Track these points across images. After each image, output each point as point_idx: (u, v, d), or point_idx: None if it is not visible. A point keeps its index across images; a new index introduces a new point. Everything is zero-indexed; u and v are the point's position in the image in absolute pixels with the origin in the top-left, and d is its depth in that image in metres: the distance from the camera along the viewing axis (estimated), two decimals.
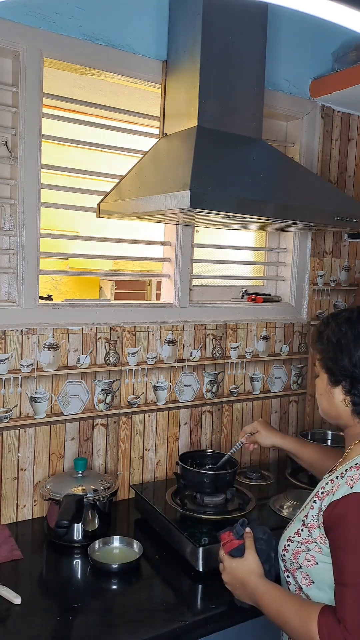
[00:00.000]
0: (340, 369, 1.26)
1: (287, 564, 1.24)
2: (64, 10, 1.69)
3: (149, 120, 2.00)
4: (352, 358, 1.24)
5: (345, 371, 1.25)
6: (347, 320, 1.28)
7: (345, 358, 1.25)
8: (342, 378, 1.27)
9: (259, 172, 1.68)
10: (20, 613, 1.33)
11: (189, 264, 2.06)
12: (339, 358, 1.26)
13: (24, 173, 1.69)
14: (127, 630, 1.28)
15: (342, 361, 1.25)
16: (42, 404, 1.80)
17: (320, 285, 2.40)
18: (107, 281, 3.29)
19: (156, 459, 2.04)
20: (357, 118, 2.42)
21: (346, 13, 0.87)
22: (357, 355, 1.24)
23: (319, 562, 1.18)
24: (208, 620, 1.35)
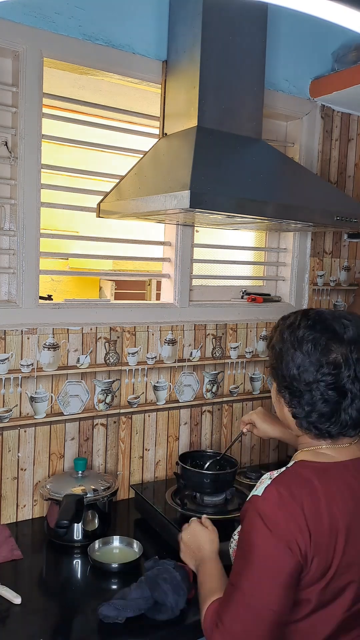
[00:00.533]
0: (281, 380, 1.18)
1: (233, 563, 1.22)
2: (64, 10, 1.69)
3: (148, 120, 2.00)
4: (289, 369, 1.15)
5: (285, 382, 1.17)
6: (289, 325, 1.19)
7: (284, 368, 1.16)
8: (282, 389, 1.18)
9: (259, 172, 1.68)
10: (20, 613, 1.33)
11: (189, 264, 2.06)
12: (279, 367, 1.17)
13: (24, 173, 1.69)
14: (127, 630, 1.28)
15: (282, 371, 1.16)
16: (42, 404, 1.80)
17: (320, 285, 2.41)
18: (107, 281, 3.29)
19: (156, 458, 2.04)
20: (357, 118, 2.42)
21: (346, 13, 0.87)
22: (295, 365, 1.14)
23: None
24: None
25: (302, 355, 1.13)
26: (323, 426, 1.15)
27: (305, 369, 1.13)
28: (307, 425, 1.16)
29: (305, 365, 1.12)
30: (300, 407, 1.15)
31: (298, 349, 1.14)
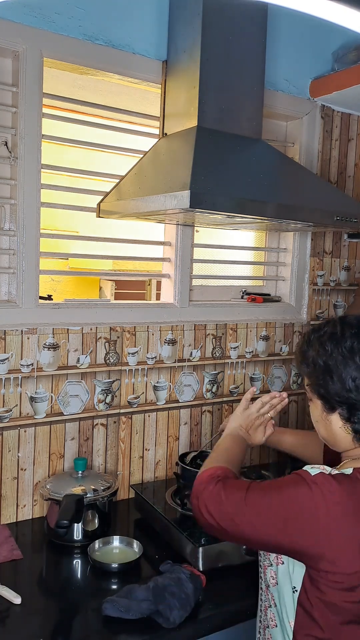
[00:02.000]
0: (334, 396, 1.12)
1: (261, 560, 1.22)
2: (64, 10, 1.69)
3: (149, 120, 2.00)
4: (345, 382, 1.10)
5: (340, 397, 1.12)
6: (330, 337, 1.14)
7: (337, 382, 1.11)
8: (337, 405, 1.13)
9: (259, 172, 1.68)
10: (20, 613, 1.33)
11: (189, 264, 2.06)
12: (330, 383, 1.12)
13: (24, 173, 1.69)
14: (126, 631, 1.28)
15: (335, 386, 1.11)
16: (42, 404, 1.80)
17: (320, 285, 2.40)
18: (107, 281, 3.29)
19: (156, 458, 2.04)
20: (357, 118, 2.42)
21: (346, 13, 0.86)
22: (350, 378, 1.10)
23: (284, 562, 1.14)
24: (207, 620, 1.35)
25: (356, 365, 1.10)
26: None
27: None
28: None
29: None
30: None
31: (350, 360, 1.10)
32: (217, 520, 1.12)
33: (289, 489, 1.07)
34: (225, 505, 1.12)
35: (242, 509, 1.10)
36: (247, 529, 1.09)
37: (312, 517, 1.04)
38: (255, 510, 1.08)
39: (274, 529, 1.07)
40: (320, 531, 1.04)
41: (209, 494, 1.14)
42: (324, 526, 1.03)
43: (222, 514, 1.12)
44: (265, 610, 1.21)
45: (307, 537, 1.04)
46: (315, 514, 1.04)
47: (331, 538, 1.04)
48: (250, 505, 1.09)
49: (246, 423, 1.44)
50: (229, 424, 1.46)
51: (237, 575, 1.48)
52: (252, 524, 1.08)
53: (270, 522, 1.07)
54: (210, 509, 1.13)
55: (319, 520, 1.04)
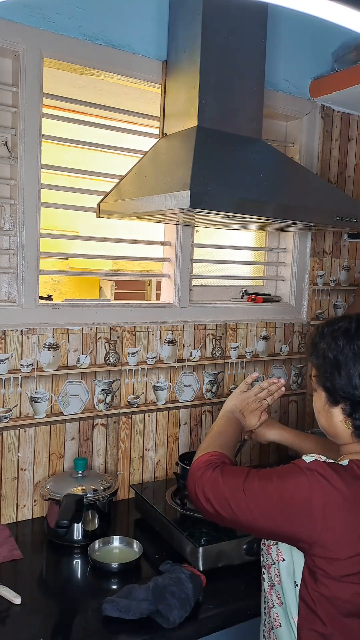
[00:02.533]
0: (340, 390, 1.14)
1: (264, 559, 1.22)
2: (64, 10, 1.69)
3: (149, 120, 2.00)
4: (351, 379, 1.11)
5: (345, 393, 1.13)
6: (344, 332, 1.15)
7: (344, 378, 1.12)
8: (341, 399, 1.15)
9: (259, 172, 1.68)
10: (20, 613, 1.33)
11: (189, 264, 2.06)
12: (337, 377, 1.13)
13: (24, 173, 1.69)
14: (126, 631, 1.28)
15: (341, 381, 1.13)
16: (42, 404, 1.80)
17: (320, 285, 2.40)
18: (107, 281, 3.29)
19: (156, 458, 2.04)
20: (357, 118, 2.42)
21: (346, 13, 0.86)
22: (358, 374, 1.11)
23: (285, 559, 1.15)
24: (207, 620, 1.35)
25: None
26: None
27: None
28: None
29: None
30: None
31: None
32: (214, 506, 1.14)
33: (286, 477, 1.10)
34: (223, 491, 1.14)
35: (239, 496, 1.12)
36: (244, 515, 1.11)
37: (307, 504, 1.06)
38: (253, 497, 1.11)
39: (271, 516, 1.09)
40: (315, 517, 1.05)
41: (207, 479, 1.16)
42: (319, 512, 1.05)
43: (220, 499, 1.14)
44: (269, 612, 1.21)
45: (303, 523, 1.06)
46: (310, 500, 1.06)
47: (326, 524, 1.05)
48: (248, 492, 1.11)
49: (243, 405, 1.45)
50: (225, 404, 1.48)
51: (237, 575, 1.48)
52: (249, 510, 1.10)
53: (267, 509, 1.09)
54: (208, 494, 1.15)
55: (314, 506, 1.05)
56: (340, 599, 1.07)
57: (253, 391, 1.48)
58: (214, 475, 1.16)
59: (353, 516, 1.06)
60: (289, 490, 1.08)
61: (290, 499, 1.07)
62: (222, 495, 1.13)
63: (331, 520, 1.05)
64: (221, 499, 1.13)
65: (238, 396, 1.48)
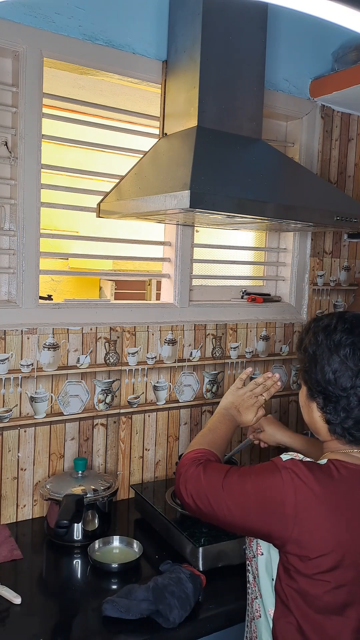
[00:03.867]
0: (315, 384, 1.15)
1: (247, 552, 1.24)
2: (64, 10, 1.69)
3: (149, 120, 2.00)
4: (325, 373, 1.12)
5: (319, 386, 1.14)
6: (324, 328, 1.16)
7: (319, 372, 1.13)
8: (316, 394, 1.16)
9: (259, 172, 1.68)
10: (20, 613, 1.33)
11: (189, 264, 2.06)
12: (313, 371, 1.15)
13: (24, 173, 1.69)
14: (126, 630, 1.28)
15: (316, 375, 1.14)
16: (42, 404, 1.80)
17: (320, 285, 2.41)
18: (107, 281, 3.30)
19: (156, 458, 2.04)
20: (357, 118, 2.42)
21: (346, 13, 0.86)
22: (331, 370, 1.12)
23: (263, 553, 1.17)
24: (207, 620, 1.35)
25: (340, 359, 1.12)
26: (358, 433, 1.14)
27: (342, 373, 1.11)
28: (341, 431, 1.15)
29: (342, 370, 1.11)
30: (336, 413, 1.14)
31: (335, 353, 1.12)
32: (194, 500, 1.17)
33: (263, 475, 1.12)
34: (204, 487, 1.16)
35: (218, 492, 1.14)
36: (222, 511, 1.14)
37: (281, 502, 1.08)
38: (230, 494, 1.13)
39: (246, 513, 1.11)
40: (287, 515, 1.07)
41: (190, 475, 1.19)
42: (291, 510, 1.07)
43: (200, 495, 1.16)
44: (252, 602, 1.23)
45: (275, 521, 1.08)
46: (284, 498, 1.07)
47: (297, 522, 1.07)
48: (226, 489, 1.14)
49: (238, 401, 1.45)
50: (221, 402, 1.48)
51: (237, 575, 1.48)
52: (227, 506, 1.13)
53: (243, 506, 1.12)
54: (190, 489, 1.18)
55: (287, 504, 1.07)
56: (312, 595, 1.09)
57: (248, 387, 1.48)
58: (196, 472, 1.19)
59: (325, 515, 1.07)
60: (264, 487, 1.10)
61: (265, 496, 1.10)
62: (203, 492, 1.16)
63: (303, 519, 1.06)
64: (202, 495, 1.16)
65: (233, 393, 1.48)
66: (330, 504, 1.08)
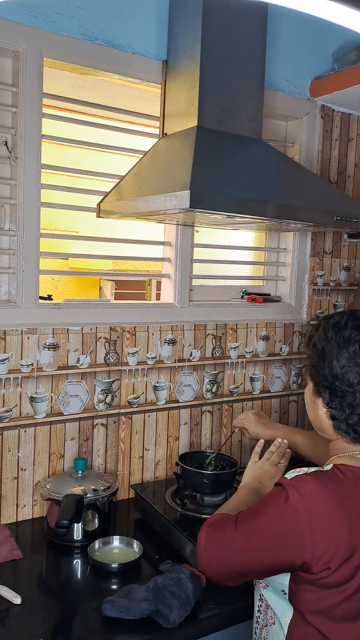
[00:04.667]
0: (322, 379, 1.16)
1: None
2: (64, 10, 1.69)
3: (149, 120, 2.00)
4: (332, 368, 1.13)
5: (326, 382, 1.15)
6: (335, 325, 1.17)
7: (327, 367, 1.14)
8: (322, 389, 1.17)
9: (259, 172, 1.68)
10: (20, 613, 1.33)
11: (189, 264, 2.06)
12: (321, 366, 1.16)
13: (24, 173, 1.69)
14: (126, 630, 1.28)
15: (324, 370, 1.15)
16: (42, 404, 1.80)
17: (320, 285, 2.41)
18: (107, 281, 3.30)
19: (156, 458, 2.04)
20: (357, 118, 2.42)
21: (346, 13, 0.87)
22: (339, 365, 1.12)
23: None
24: (207, 620, 1.35)
25: (348, 355, 1.12)
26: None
27: (349, 369, 1.12)
28: (345, 427, 1.15)
29: (350, 366, 1.12)
30: (341, 408, 1.14)
31: (344, 349, 1.13)
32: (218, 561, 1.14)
33: (271, 506, 1.09)
34: (221, 544, 1.14)
35: (234, 540, 1.12)
36: (245, 557, 1.11)
37: (298, 532, 1.05)
38: (247, 537, 1.11)
39: (269, 550, 1.08)
40: (306, 544, 1.04)
41: (202, 542, 1.17)
42: (309, 534, 1.04)
43: (222, 552, 1.13)
44: (266, 610, 1.21)
45: (297, 553, 1.05)
46: (299, 525, 1.05)
47: (316, 541, 1.04)
48: (241, 532, 1.12)
49: (259, 474, 1.43)
50: (244, 476, 1.45)
51: None
52: (247, 551, 1.10)
53: (263, 544, 1.08)
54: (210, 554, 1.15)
55: (304, 532, 1.04)
56: (328, 605, 1.07)
57: (265, 458, 1.47)
58: (205, 535, 1.17)
59: (339, 522, 1.05)
60: (276, 523, 1.07)
61: (281, 529, 1.07)
62: (221, 549, 1.14)
63: (320, 537, 1.04)
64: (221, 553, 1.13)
65: (252, 468, 1.46)
66: (343, 509, 1.06)
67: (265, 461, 1.45)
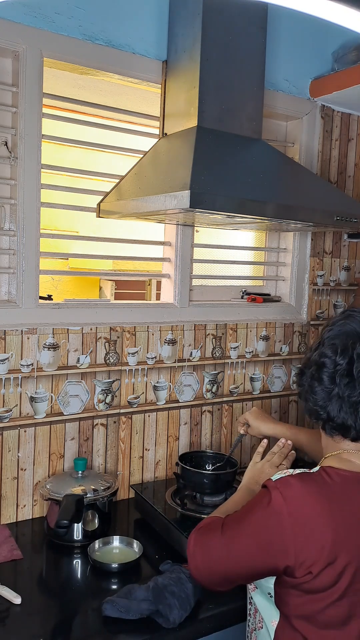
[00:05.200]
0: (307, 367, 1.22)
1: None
2: (64, 10, 1.69)
3: (149, 120, 2.00)
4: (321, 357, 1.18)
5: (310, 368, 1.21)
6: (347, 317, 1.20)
7: (317, 355, 1.19)
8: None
9: (259, 172, 1.68)
10: (20, 613, 1.33)
11: (189, 264, 2.06)
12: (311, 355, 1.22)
13: (24, 173, 1.69)
14: (126, 630, 1.28)
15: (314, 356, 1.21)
16: (42, 403, 1.80)
17: (320, 285, 2.41)
18: (107, 281, 3.29)
19: (156, 458, 2.04)
20: (357, 118, 2.42)
21: (346, 13, 0.86)
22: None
23: None
24: (207, 620, 1.35)
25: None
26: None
27: None
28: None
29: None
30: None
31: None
32: (206, 567, 1.15)
33: (255, 510, 1.10)
34: (208, 550, 1.14)
35: (220, 545, 1.12)
36: (231, 561, 1.11)
37: (277, 529, 1.05)
38: (232, 541, 1.11)
39: (253, 554, 1.08)
40: (287, 545, 1.04)
41: (191, 548, 1.18)
42: (291, 537, 1.04)
43: (209, 557, 1.14)
44: (255, 614, 1.22)
45: (278, 551, 1.05)
46: (281, 527, 1.05)
47: (297, 546, 1.04)
48: (227, 536, 1.12)
49: (257, 475, 1.43)
50: (244, 477, 1.45)
51: None
52: (233, 555, 1.11)
53: (247, 548, 1.09)
54: (198, 560, 1.16)
55: (286, 536, 1.04)
56: (312, 611, 1.07)
57: (265, 459, 1.46)
58: (193, 541, 1.17)
59: (323, 526, 1.04)
60: (260, 528, 1.08)
61: (262, 530, 1.07)
62: (210, 553, 1.14)
63: (301, 538, 1.04)
64: (210, 556, 1.14)
65: (251, 469, 1.46)
66: (328, 513, 1.05)
67: (265, 462, 1.44)
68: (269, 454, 1.47)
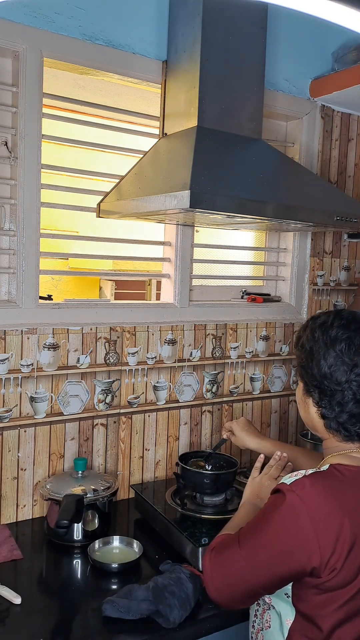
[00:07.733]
0: (311, 379, 1.17)
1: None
2: (64, 10, 1.69)
3: (149, 120, 2.00)
4: (320, 368, 1.15)
5: (315, 381, 1.16)
6: (321, 325, 1.18)
7: (315, 367, 1.15)
8: (312, 388, 1.18)
9: (259, 172, 1.68)
10: (20, 613, 1.33)
11: (189, 264, 2.06)
12: (309, 366, 1.17)
13: (24, 173, 1.69)
14: (126, 630, 1.28)
15: (312, 370, 1.16)
16: (42, 403, 1.80)
17: (320, 285, 2.41)
18: (107, 281, 3.29)
19: (156, 458, 2.04)
20: (357, 118, 2.42)
21: (346, 13, 0.87)
22: (326, 364, 1.14)
23: None
24: (207, 620, 1.35)
25: (335, 354, 1.13)
26: (353, 427, 1.15)
27: (337, 368, 1.13)
28: (336, 426, 1.16)
29: (338, 364, 1.13)
30: (331, 407, 1.15)
31: (331, 348, 1.14)
32: (227, 584, 1.12)
33: (273, 516, 1.08)
34: (227, 567, 1.12)
35: (240, 559, 1.10)
36: (254, 574, 1.09)
37: (299, 533, 1.04)
38: (253, 552, 1.09)
39: (277, 562, 1.07)
40: (312, 546, 1.03)
41: (208, 570, 1.15)
42: (314, 537, 1.03)
43: (229, 574, 1.12)
44: (262, 615, 1.21)
45: (303, 554, 1.04)
46: (303, 529, 1.04)
47: (321, 545, 1.04)
48: (245, 548, 1.10)
49: (257, 489, 1.42)
50: (244, 493, 1.44)
51: None
52: (255, 567, 1.08)
53: (270, 556, 1.07)
54: (217, 580, 1.13)
55: (308, 533, 1.04)
56: (330, 608, 1.07)
57: (264, 472, 1.45)
58: (209, 560, 1.15)
59: (339, 524, 1.04)
60: (280, 537, 1.06)
61: (283, 535, 1.06)
62: (228, 570, 1.12)
63: (323, 537, 1.04)
64: (229, 574, 1.12)
65: (251, 484, 1.45)
66: (344, 508, 1.06)
67: (264, 475, 1.43)
68: (266, 467, 1.47)
